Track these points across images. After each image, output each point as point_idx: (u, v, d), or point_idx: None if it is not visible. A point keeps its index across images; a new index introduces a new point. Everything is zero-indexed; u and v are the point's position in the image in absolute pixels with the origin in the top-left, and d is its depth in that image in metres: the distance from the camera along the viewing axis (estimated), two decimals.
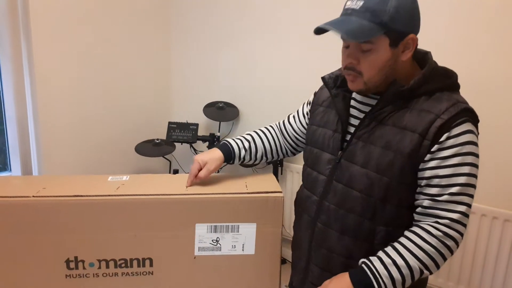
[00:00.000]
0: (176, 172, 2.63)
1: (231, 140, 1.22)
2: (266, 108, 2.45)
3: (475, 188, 0.91)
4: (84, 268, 1.06)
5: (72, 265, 1.05)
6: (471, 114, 0.93)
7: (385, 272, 0.90)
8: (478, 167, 0.92)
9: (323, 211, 1.05)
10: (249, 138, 1.24)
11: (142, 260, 1.08)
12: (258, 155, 1.24)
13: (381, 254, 0.93)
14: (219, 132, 2.56)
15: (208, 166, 1.13)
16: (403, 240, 0.93)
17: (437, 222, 0.90)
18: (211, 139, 2.47)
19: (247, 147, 1.22)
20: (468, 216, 0.91)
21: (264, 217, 1.08)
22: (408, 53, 0.94)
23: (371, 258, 0.93)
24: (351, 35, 0.88)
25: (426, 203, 0.92)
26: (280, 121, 1.29)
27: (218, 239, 1.08)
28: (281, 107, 2.38)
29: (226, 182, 1.16)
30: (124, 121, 2.58)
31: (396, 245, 0.93)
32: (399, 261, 0.90)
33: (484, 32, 1.70)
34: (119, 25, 2.44)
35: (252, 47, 2.43)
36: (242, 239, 1.09)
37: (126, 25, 2.48)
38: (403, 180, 0.94)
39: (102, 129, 2.45)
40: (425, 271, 0.91)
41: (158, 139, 2.42)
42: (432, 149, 0.90)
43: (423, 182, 0.93)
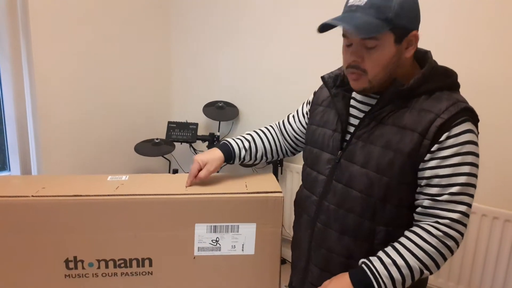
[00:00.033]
0: (175, 171, 2.62)
1: (231, 140, 1.22)
2: (266, 107, 2.45)
3: (475, 187, 0.91)
4: (83, 268, 1.06)
5: (71, 265, 1.05)
6: (471, 114, 0.93)
7: (385, 272, 0.89)
8: (478, 166, 0.92)
9: (323, 211, 1.04)
10: (249, 138, 1.23)
11: (142, 260, 1.07)
12: (258, 155, 1.24)
13: (381, 254, 0.93)
14: (218, 131, 2.56)
15: (208, 166, 1.13)
16: (403, 240, 0.92)
17: (437, 222, 0.90)
18: (211, 139, 2.46)
19: (247, 147, 1.22)
20: (468, 216, 0.91)
21: (264, 217, 1.08)
22: (411, 50, 0.94)
23: (371, 258, 0.93)
24: (360, 30, 0.87)
25: (426, 203, 0.92)
26: (279, 121, 1.29)
27: (217, 239, 1.08)
28: (281, 107, 2.38)
29: (226, 182, 1.16)
30: (124, 120, 2.58)
31: (396, 245, 0.93)
32: (399, 261, 0.90)
33: (484, 32, 1.70)
34: (119, 25, 2.43)
35: (252, 47, 2.43)
36: (242, 239, 1.08)
37: (126, 25, 2.48)
38: (403, 180, 0.94)
39: (102, 129, 2.45)
40: (425, 271, 0.91)
41: (157, 139, 2.41)
42: (432, 149, 0.90)
43: (423, 182, 0.93)
